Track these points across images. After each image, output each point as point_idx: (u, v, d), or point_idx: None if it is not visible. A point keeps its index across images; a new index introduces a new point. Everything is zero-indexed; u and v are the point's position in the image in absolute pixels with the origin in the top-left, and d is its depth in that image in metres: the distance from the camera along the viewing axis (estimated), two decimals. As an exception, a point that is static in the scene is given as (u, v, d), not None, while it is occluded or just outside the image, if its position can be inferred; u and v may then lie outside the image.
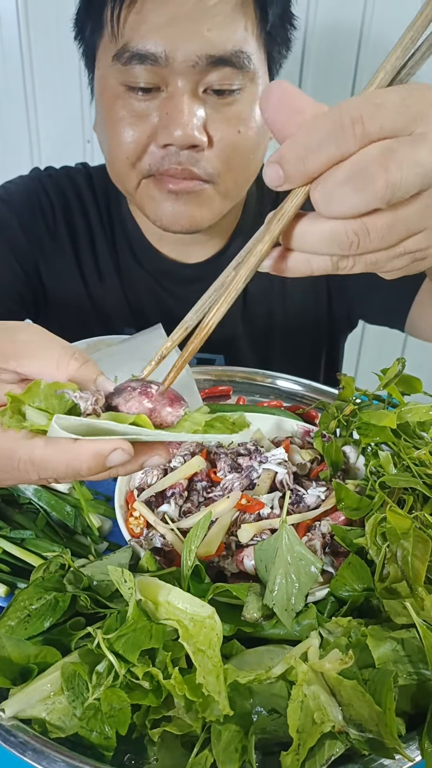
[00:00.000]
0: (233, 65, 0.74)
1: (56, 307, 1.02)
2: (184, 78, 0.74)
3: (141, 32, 0.73)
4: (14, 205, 0.96)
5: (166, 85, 0.75)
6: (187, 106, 0.74)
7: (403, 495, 0.57)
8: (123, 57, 0.75)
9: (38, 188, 0.98)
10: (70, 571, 0.48)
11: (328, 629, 0.48)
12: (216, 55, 0.73)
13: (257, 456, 0.66)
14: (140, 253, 0.98)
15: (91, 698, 0.40)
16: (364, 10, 1.41)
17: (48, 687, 0.41)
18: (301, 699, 0.40)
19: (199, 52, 0.72)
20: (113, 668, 0.41)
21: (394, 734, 0.39)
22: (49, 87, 1.50)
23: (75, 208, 0.99)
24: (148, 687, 0.41)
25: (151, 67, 0.74)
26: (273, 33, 0.79)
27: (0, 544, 0.54)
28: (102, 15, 0.76)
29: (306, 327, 1.03)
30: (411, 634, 0.45)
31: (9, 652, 0.42)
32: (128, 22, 0.73)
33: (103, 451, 0.38)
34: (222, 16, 0.73)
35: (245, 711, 0.42)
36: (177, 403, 0.41)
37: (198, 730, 0.42)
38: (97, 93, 0.84)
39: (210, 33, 0.72)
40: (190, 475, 0.64)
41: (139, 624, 0.42)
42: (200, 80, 0.75)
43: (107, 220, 1.00)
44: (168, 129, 0.75)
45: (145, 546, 0.56)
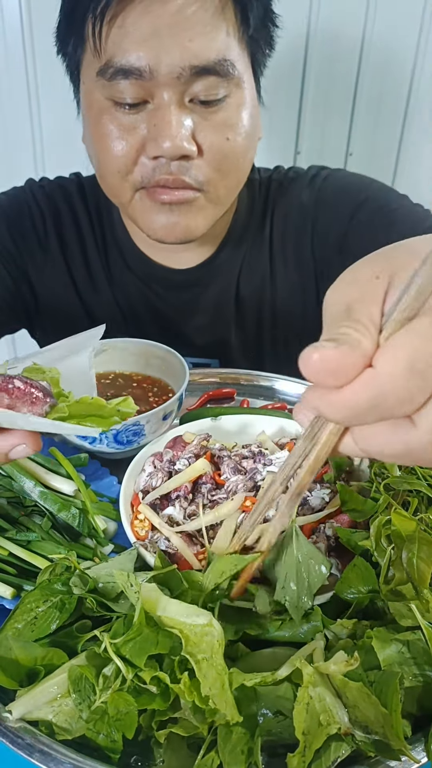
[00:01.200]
0: (217, 74, 0.74)
1: (48, 314, 1.03)
2: (169, 90, 0.74)
3: (123, 47, 0.72)
4: (3, 216, 0.97)
5: (152, 97, 0.75)
6: (175, 117, 0.74)
7: (408, 497, 0.57)
8: (107, 73, 0.75)
9: (29, 198, 0.99)
10: (76, 574, 0.48)
11: (333, 631, 0.48)
12: (199, 65, 0.73)
13: (261, 459, 0.66)
14: (131, 260, 0.99)
15: (98, 702, 0.40)
16: (365, 18, 1.41)
17: (55, 689, 0.41)
18: (306, 701, 0.40)
19: (182, 64, 0.72)
20: (120, 672, 0.41)
21: (400, 736, 0.39)
22: (51, 90, 1.50)
23: (66, 218, 1.00)
24: (155, 691, 0.41)
25: (135, 81, 0.74)
26: (255, 36, 0.79)
27: (6, 546, 0.54)
28: (83, 30, 0.76)
29: (296, 332, 1.03)
30: (416, 636, 0.45)
31: (16, 654, 0.42)
32: (110, 38, 0.73)
33: (2, 449, 0.37)
34: (202, 25, 0.72)
35: (251, 713, 0.42)
36: (41, 401, 0.40)
37: (204, 732, 0.42)
38: (83, 107, 0.84)
39: (192, 43, 0.72)
40: (195, 477, 0.64)
41: (146, 629, 0.42)
42: (185, 90, 0.75)
43: (98, 228, 1.00)
44: (156, 141, 0.75)
45: (150, 549, 0.57)
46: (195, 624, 0.42)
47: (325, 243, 0.94)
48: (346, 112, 1.53)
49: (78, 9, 0.75)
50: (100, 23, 0.73)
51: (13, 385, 0.39)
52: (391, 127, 1.55)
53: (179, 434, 0.72)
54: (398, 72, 1.48)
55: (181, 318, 1.00)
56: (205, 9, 0.72)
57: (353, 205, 0.91)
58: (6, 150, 1.57)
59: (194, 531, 0.59)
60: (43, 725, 0.42)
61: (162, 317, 1.01)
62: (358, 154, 1.58)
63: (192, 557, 0.56)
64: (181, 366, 0.78)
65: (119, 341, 0.84)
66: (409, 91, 1.50)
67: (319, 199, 0.95)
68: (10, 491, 0.59)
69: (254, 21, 0.77)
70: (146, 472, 0.66)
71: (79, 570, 0.48)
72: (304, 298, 0.99)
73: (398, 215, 0.87)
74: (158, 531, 0.59)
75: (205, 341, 1.02)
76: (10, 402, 0.39)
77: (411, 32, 1.43)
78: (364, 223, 0.89)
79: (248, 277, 0.99)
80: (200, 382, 0.94)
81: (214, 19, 0.73)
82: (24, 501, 0.60)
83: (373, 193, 0.92)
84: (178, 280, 0.97)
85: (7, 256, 0.96)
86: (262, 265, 0.98)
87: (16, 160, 1.58)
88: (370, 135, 1.56)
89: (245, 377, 0.95)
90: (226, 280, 0.98)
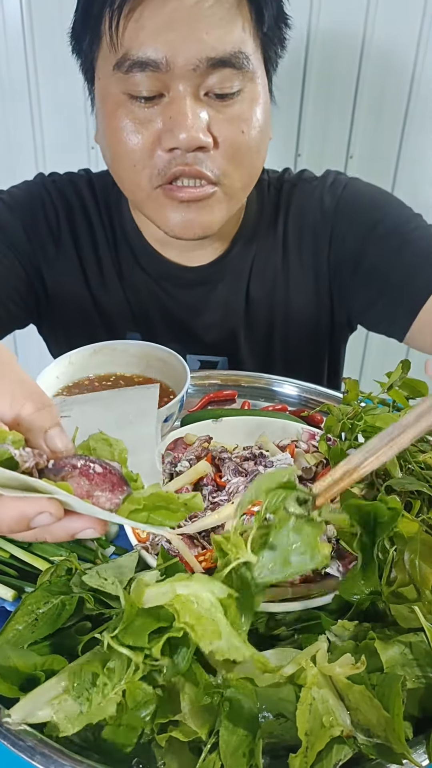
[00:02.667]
0: (233, 66, 0.76)
1: (60, 310, 1.03)
2: (185, 82, 0.75)
3: (140, 40, 0.73)
4: (18, 209, 0.97)
5: (167, 90, 0.76)
6: (191, 109, 0.75)
7: (410, 498, 0.57)
8: (124, 65, 0.75)
9: (42, 193, 0.99)
10: (77, 575, 0.48)
11: (335, 633, 0.48)
12: (215, 57, 0.74)
13: (262, 460, 0.66)
14: (142, 258, 0.99)
15: (112, 693, 0.40)
16: (366, 18, 1.42)
17: (56, 689, 0.41)
18: (310, 702, 0.40)
19: (199, 55, 0.73)
20: (130, 662, 0.40)
21: (402, 740, 0.39)
22: (53, 94, 1.51)
23: (78, 214, 1.00)
24: (168, 663, 0.40)
25: (152, 73, 0.74)
26: (269, 33, 0.80)
27: (7, 548, 0.54)
28: (100, 26, 0.77)
29: (307, 333, 1.03)
30: (419, 637, 0.45)
31: (15, 662, 0.42)
32: (127, 31, 0.74)
33: (26, 512, 0.36)
34: (219, 18, 0.74)
35: (253, 715, 0.42)
36: (118, 489, 0.39)
37: (204, 737, 0.42)
38: (98, 103, 0.84)
39: (208, 36, 0.73)
40: (197, 479, 0.64)
41: (138, 618, 0.42)
42: (201, 83, 0.76)
43: (109, 225, 1.01)
44: (173, 133, 0.75)
45: (151, 551, 0.57)
46: (180, 595, 0.40)
47: (340, 250, 0.95)
48: (346, 115, 1.54)
49: (95, 4, 0.76)
50: (117, 17, 0.74)
51: (94, 471, 0.39)
52: (392, 129, 1.55)
53: (180, 436, 0.72)
54: (399, 74, 1.49)
55: (191, 315, 1.01)
56: (221, 4, 0.74)
57: (371, 222, 0.92)
58: (9, 156, 1.58)
59: (195, 533, 0.59)
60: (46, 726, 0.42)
61: (172, 315, 1.01)
62: (359, 157, 1.58)
63: (193, 559, 0.56)
64: (182, 368, 0.78)
65: (120, 343, 0.84)
66: (410, 93, 1.50)
67: (340, 207, 0.96)
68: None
69: (268, 19, 0.79)
70: (147, 474, 0.66)
71: (80, 571, 0.48)
72: (317, 301, 1.00)
73: (413, 236, 0.89)
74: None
75: (214, 339, 1.02)
76: (89, 488, 0.39)
77: (411, 34, 1.43)
78: (380, 242, 0.90)
79: (259, 276, 0.99)
80: (201, 384, 0.94)
81: (231, 14, 0.75)
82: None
83: (392, 209, 0.94)
84: (189, 278, 0.98)
85: (21, 250, 0.96)
86: (274, 264, 0.99)
87: (17, 162, 1.58)
88: (370, 137, 1.56)
89: (246, 379, 0.95)
90: (237, 278, 0.98)
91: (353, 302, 0.97)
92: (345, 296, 0.98)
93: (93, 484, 0.39)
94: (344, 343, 1.13)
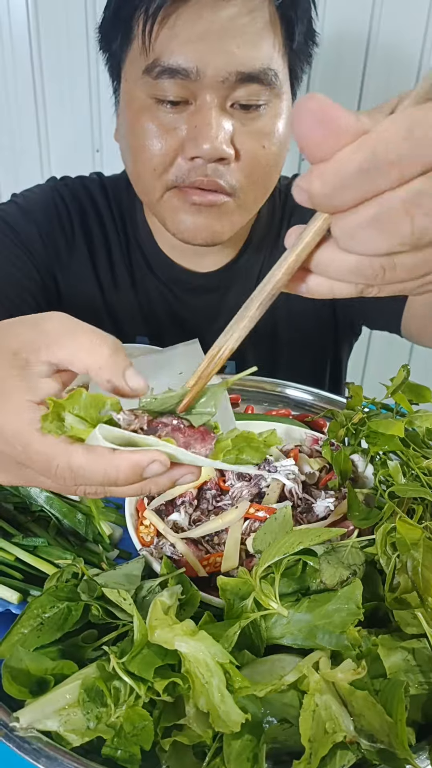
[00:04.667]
0: (261, 82, 0.76)
1: (70, 312, 1.03)
2: (212, 92, 0.75)
3: (172, 47, 0.74)
4: (33, 213, 0.98)
5: (194, 98, 0.77)
6: (215, 120, 0.75)
7: (413, 505, 0.57)
8: (154, 71, 0.76)
9: (56, 197, 1.00)
10: (84, 580, 0.49)
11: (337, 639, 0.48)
12: (245, 71, 0.75)
13: (265, 465, 0.66)
14: (154, 262, 0.99)
15: (113, 717, 0.40)
16: (371, 19, 1.42)
17: (66, 698, 0.42)
18: (313, 708, 0.40)
19: (229, 68, 0.74)
20: (132, 689, 0.41)
21: (405, 745, 0.39)
22: (58, 97, 1.51)
23: (91, 217, 1.00)
24: (170, 700, 0.41)
25: (181, 81, 0.75)
26: (298, 50, 0.81)
27: (13, 551, 0.54)
28: (131, 29, 0.78)
29: (310, 335, 1.04)
30: (422, 644, 0.45)
31: (27, 665, 0.42)
32: (160, 37, 0.75)
33: (141, 462, 0.39)
34: (251, 34, 0.75)
35: (257, 720, 0.43)
36: (208, 438, 0.43)
37: (208, 741, 0.42)
38: (123, 104, 0.85)
39: (239, 50, 0.74)
40: (200, 483, 0.65)
41: (147, 649, 0.43)
42: (228, 95, 0.76)
43: (122, 228, 1.01)
44: (196, 142, 0.76)
45: (155, 555, 0.57)
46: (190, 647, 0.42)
47: None
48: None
49: (125, 7, 0.77)
50: (151, 22, 0.74)
51: (184, 425, 0.42)
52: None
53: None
54: (403, 77, 1.49)
55: (201, 321, 1.01)
56: (255, 20, 0.75)
57: None
58: (14, 159, 1.58)
59: (199, 537, 0.59)
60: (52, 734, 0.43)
61: (182, 320, 1.02)
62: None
63: (197, 563, 0.56)
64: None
65: (130, 347, 0.84)
66: (414, 95, 1.50)
67: None
68: (17, 496, 0.60)
69: (299, 36, 0.80)
70: (151, 478, 0.67)
71: (87, 576, 0.48)
72: (320, 303, 1.00)
73: None
74: (163, 537, 0.59)
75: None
76: (184, 440, 0.42)
77: (416, 36, 1.43)
78: None
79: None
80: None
81: (263, 30, 0.75)
82: (30, 506, 0.60)
83: None
84: (199, 284, 0.98)
85: (37, 254, 0.97)
86: None
87: (22, 165, 1.59)
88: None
89: (249, 383, 0.95)
90: (246, 284, 0.99)
91: (354, 300, 0.98)
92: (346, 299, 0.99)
93: (186, 437, 0.42)
94: (348, 348, 1.14)
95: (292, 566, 0.49)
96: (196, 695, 0.40)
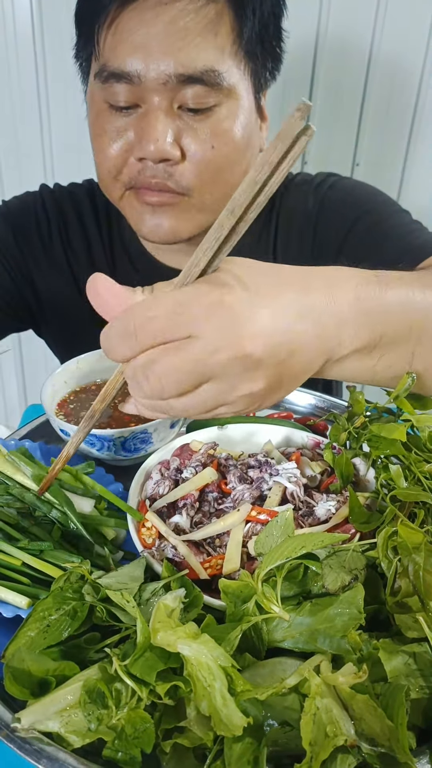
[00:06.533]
0: (204, 83, 0.76)
1: (55, 316, 1.06)
2: (158, 95, 0.76)
3: (117, 52, 0.76)
4: (11, 218, 1.01)
5: (143, 101, 0.78)
6: (161, 122, 0.77)
7: (414, 508, 0.58)
8: (102, 75, 0.78)
9: (36, 203, 1.02)
10: (89, 583, 0.49)
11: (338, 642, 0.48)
12: (186, 73, 0.75)
13: (267, 468, 0.66)
14: (138, 262, 1.01)
15: (114, 719, 0.40)
16: (373, 30, 1.42)
17: (67, 698, 0.42)
18: (314, 712, 0.41)
19: (169, 71, 0.75)
20: (134, 691, 0.41)
21: (406, 749, 0.39)
22: (62, 99, 1.52)
23: (72, 223, 1.02)
24: (171, 703, 0.41)
25: (126, 85, 0.77)
26: (252, 49, 0.80)
27: (19, 556, 0.54)
28: (93, 35, 0.79)
29: None
30: (423, 648, 0.45)
31: (29, 665, 0.43)
32: (107, 43, 0.76)
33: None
34: (192, 36, 0.74)
35: (258, 723, 0.43)
36: None
37: (209, 743, 0.42)
38: (87, 108, 0.87)
39: (180, 53, 0.74)
40: (202, 486, 0.65)
41: (149, 652, 0.43)
42: (173, 97, 0.77)
43: (107, 232, 1.03)
44: (141, 143, 0.78)
45: (157, 557, 0.57)
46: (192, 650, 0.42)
47: (324, 249, 0.96)
48: (353, 123, 1.54)
49: (84, 15, 0.80)
50: (98, 28, 0.76)
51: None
52: (398, 138, 1.56)
53: (186, 442, 0.72)
54: (405, 83, 1.49)
55: None
56: (197, 21, 0.75)
57: (353, 217, 0.93)
58: (18, 161, 1.59)
59: (201, 539, 0.59)
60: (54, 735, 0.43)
61: None
62: (365, 165, 1.59)
63: (198, 566, 0.56)
64: None
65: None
66: (416, 102, 1.51)
67: (323, 206, 0.97)
68: (21, 501, 0.60)
69: (248, 34, 0.79)
70: (153, 480, 0.67)
71: (90, 580, 0.48)
72: None
73: (394, 232, 0.89)
74: (165, 539, 0.59)
75: None
76: None
77: (419, 44, 1.44)
78: (360, 236, 0.91)
79: None
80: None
81: (206, 31, 0.75)
82: (34, 511, 0.60)
83: (376, 206, 0.94)
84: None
85: (11, 260, 0.99)
86: None
87: (25, 167, 1.59)
88: (376, 146, 1.56)
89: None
90: None
91: None
92: None
93: None
94: None
95: (294, 570, 0.49)
96: (197, 698, 0.40)
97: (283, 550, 0.47)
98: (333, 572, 0.48)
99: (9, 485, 0.61)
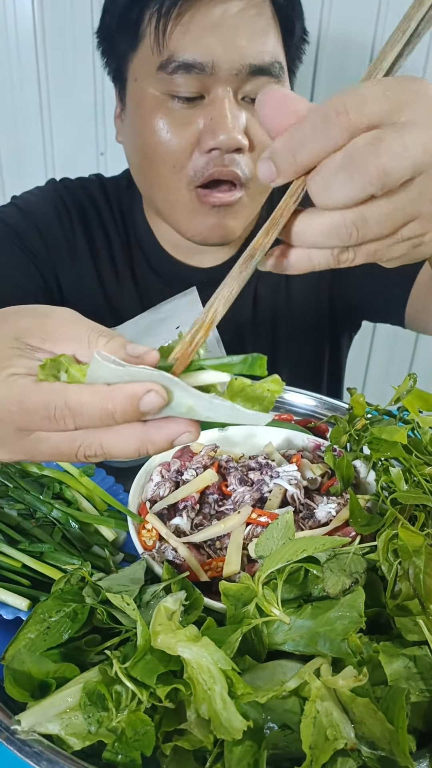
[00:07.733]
0: (269, 74, 0.79)
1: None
2: (226, 86, 0.78)
3: (186, 43, 0.77)
4: (33, 215, 0.99)
5: (208, 92, 0.79)
6: (231, 111, 0.78)
7: (415, 511, 0.58)
8: (168, 67, 0.78)
9: (56, 198, 1.01)
10: (89, 585, 0.49)
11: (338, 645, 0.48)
12: (256, 64, 0.78)
13: (268, 470, 0.66)
14: (154, 260, 1.01)
15: (114, 722, 0.40)
16: (375, 27, 1.43)
17: (67, 701, 0.42)
18: (314, 715, 0.41)
19: (242, 61, 0.77)
20: (134, 694, 0.41)
21: (406, 753, 0.39)
22: (63, 100, 1.52)
23: (92, 218, 1.01)
24: (171, 706, 0.41)
25: (196, 75, 0.78)
26: (294, 46, 0.85)
27: (19, 557, 0.54)
28: (138, 28, 0.80)
29: (308, 328, 1.05)
30: (423, 651, 0.45)
31: (29, 667, 0.43)
32: (174, 34, 0.77)
33: (137, 393, 0.38)
34: (258, 29, 0.78)
35: (258, 726, 0.43)
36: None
37: (209, 746, 0.42)
38: (131, 104, 0.86)
39: (249, 44, 0.77)
40: (203, 488, 0.65)
41: (150, 654, 0.43)
42: (240, 88, 0.79)
43: (122, 228, 1.02)
44: (214, 133, 0.78)
45: (157, 559, 0.57)
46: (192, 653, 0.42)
47: None
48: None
49: (134, 8, 0.80)
50: (165, 20, 0.77)
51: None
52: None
53: (187, 444, 0.72)
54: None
55: None
56: (260, 15, 0.79)
57: None
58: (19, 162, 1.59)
59: (201, 542, 0.59)
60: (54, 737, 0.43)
61: None
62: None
63: (199, 568, 0.57)
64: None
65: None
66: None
67: None
68: (21, 503, 0.60)
69: (297, 31, 0.84)
70: (154, 482, 0.67)
71: (90, 582, 0.48)
72: (317, 296, 1.02)
73: None
74: (165, 541, 0.59)
75: (223, 338, 1.04)
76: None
77: (420, 45, 1.44)
78: None
79: (266, 276, 1.01)
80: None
81: (268, 26, 0.79)
82: (35, 512, 0.60)
83: None
84: (199, 279, 0.99)
85: (39, 256, 0.98)
86: None
87: (26, 166, 1.59)
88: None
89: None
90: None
91: (350, 286, 1.00)
92: (344, 285, 1.01)
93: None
94: (346, 342, 1.14)
95: (295, 572, 0.49)
96: (198, 701, 0.40)
97: (284, 553, 0.47)
98: (334, 575, 0.48)
99: (10, 486, 0.61)
